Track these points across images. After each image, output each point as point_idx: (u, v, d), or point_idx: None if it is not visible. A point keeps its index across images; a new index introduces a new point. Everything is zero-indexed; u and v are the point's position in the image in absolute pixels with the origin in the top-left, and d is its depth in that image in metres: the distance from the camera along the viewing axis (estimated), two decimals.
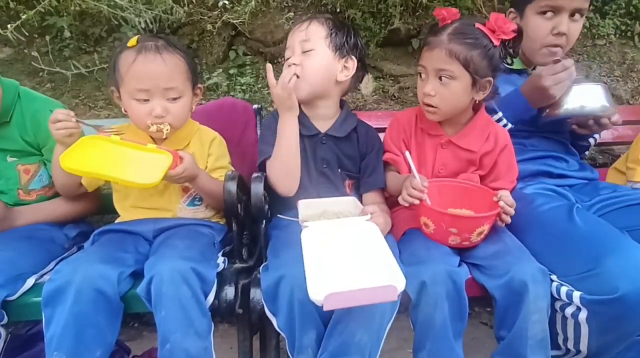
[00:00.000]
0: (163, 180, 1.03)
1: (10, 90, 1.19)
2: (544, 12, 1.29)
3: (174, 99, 1.11)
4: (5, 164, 1.22)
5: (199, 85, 1.22)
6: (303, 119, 1.23)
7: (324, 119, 1.27)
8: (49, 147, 1.20)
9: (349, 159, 1.26)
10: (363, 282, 0.83)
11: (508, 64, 1.20)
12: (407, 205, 1.09)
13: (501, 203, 1.08)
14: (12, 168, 1.23)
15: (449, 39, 1.10)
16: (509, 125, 1.29)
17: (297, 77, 1.16)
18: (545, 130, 1.38)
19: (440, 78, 1.12)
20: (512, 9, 1.39)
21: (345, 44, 1.21)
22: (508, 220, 1.11)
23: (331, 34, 1.20)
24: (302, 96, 1.20)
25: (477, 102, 1.21)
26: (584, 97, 1.24)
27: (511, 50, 1.17)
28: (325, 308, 0.79)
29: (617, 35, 2.33)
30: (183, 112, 1.15)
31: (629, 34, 2.35)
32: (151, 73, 1.08)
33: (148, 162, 1.04)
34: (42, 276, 1.07)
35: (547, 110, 1.28)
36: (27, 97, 1.22)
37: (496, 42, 1.11)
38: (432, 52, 1.11)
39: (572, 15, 1.29)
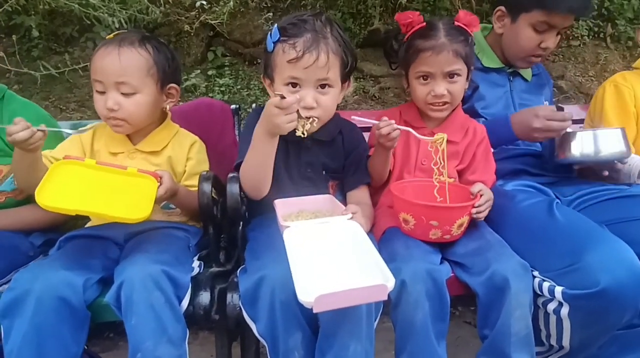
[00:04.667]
0: None
1: None
2: (538, 27, 1.33)
3: (127, 94, 1.09)
4: None
5: (173, 85, 1.18)
6: None
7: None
8: None
9: (334, 161, 1.23)
10: (353, 282, 0.81)
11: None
12: (389, 134, 1.08)
13: (481, 192, 1.09)
14: None
15: (449, 40, 1.16)
16: None
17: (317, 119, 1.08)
18: None
19: (450, 76, 1.18)
20: (502, 8, 1.40)
21: (351, 68, 1.12)
22: (483, 215, 1.11)
23: (343, 64, 1.09)
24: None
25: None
26: (602, 141, 1.18)
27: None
28: (315, 310, 0.76)
29: (591, 37, 2.40)
30: (139, 109, 1.11)
31: (601, 35, 2.42)
32: (105, 66, 1.08)
33: (131, 189, 0.97)
34: (2, 286, 1.01)
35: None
36: (10, 99, 1.23)
37: (470, 35, 1.21)
38: (439, 56, 1.15)
39: (558, 33, 1.37)
